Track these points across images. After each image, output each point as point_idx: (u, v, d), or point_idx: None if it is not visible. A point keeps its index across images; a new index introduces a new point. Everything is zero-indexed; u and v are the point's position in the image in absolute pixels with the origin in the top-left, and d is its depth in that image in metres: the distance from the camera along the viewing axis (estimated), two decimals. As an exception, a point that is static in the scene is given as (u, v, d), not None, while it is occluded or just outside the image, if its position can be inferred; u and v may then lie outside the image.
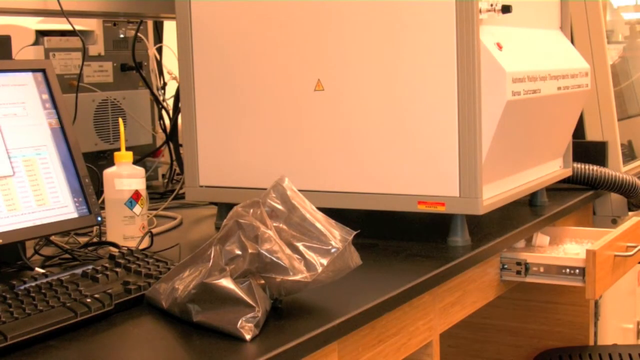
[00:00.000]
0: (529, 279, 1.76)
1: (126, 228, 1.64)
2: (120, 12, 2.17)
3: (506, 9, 1.56)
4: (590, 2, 2.30)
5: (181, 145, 2.13)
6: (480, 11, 1.54)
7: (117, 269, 1.36)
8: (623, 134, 2.34)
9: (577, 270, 1.72)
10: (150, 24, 2.47)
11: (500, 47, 1.60)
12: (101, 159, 2.25)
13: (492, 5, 1.55)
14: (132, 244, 1.59)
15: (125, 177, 1.64)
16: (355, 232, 1.23)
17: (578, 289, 1.88)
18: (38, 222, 1.45)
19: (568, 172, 2.03)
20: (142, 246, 1.59)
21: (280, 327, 1.17)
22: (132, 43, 2.32)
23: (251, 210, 1.22)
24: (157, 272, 1.35)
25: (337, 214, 1.33)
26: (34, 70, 1.55)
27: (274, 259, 1.16)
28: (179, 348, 1.16)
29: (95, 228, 1.74)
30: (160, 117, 2.46)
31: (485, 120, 1.55)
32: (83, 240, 1.72)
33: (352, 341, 1.28)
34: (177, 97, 2.24)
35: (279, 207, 1.24)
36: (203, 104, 1.82)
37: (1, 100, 1.48)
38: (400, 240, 1.67)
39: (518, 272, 1.75)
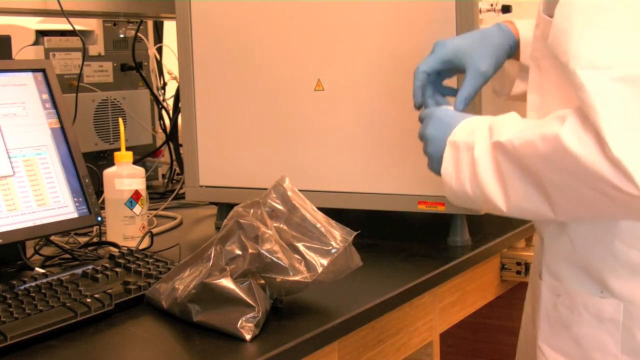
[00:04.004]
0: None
1: (126, 228, 1.64)
2: (120, 12, 2.17)
3: (506, 9, 1.56)
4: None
5: (181, 145, 2.13)
6: (480, 11, 1.54)
7: (117, 269, 1.36)
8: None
9: (577, 270, 1.72)
10: (150, 24, 2.47)
11: (500, 47, 1.60)
12: (101, 159, 2.25)
13: (492, 5, 1.55)
14: (132, 244, 1.59)
15: (125, 177, 1.64)
16: (355, 233, 1.23)
17: (578, 289, 1.88)
18: (38, 222, 1.45)
19: (568, 172, 2.03)
20: (142, 246, 1.59)
21: (280, 327, 1.17)
22: (132, 43, 2.32)
23: (251, 211, 1.22)
24: (157, 272, 1.35)
25: (337, 214, 1.33)
26: (34, 70, 1.55)
27: (274, 259, 1.16)
28: (179, 348, 1.16)
29: (95, 228, 1.74)
30: (160, 117, 2.46)
31: (485, 120, 1.55)
32: (83, 240, 1.72)
33: (352, 341, 1.28)
34: (177, 97, 2.24)
35: (280, 207, 1.24)
36: (203, 104, 1.82)
37: (1, 100, 1.48)
38: (400, 240, 1.67)
39: (518, 272, 1.75)
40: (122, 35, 2.35)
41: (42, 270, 1.44)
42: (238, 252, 1.17)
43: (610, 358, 1.13)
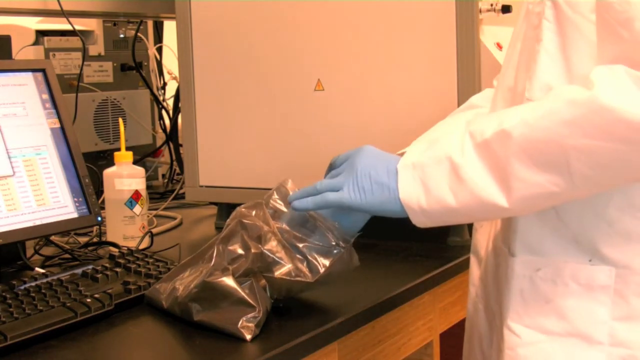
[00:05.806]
0: (529, 279, 1.75)
1: (126, 228, 1.64)
2: (120, 12, 2.17)
3: (506, 9, 1.56)
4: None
5: (181, 145, 2.13)
6: (480, 11, 1.54)
7: (117, 269, 1.36)
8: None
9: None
10: (150, 24, 2.47)
11: (500, 47, 1.60)
12: (101, 159, 2.25)
13: (492, 5, 1.55)
14: (132, 244, 1.59)
15: (125, 177, 1.64)
16: (357, 234, 1.23)
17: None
18: (38, 222, 1.45)
19: (568, 172, 2.03)
20: (142, 246, 1.58)
21: (281, 327, 1.17)
22: (132, 43, 2.32)
23: (254, 212, 1.22)
24: (157, 272, 1.35)
25: (337, 214, 1.33)
26: (34, 70, 1.55)
27: (276, 258, 1.16)
28: (179, 348, 1.16)
29: (95, 228, 1.74)
30: (160, 117, 2.46)
31: (485, 120, 1.55)
32: (83, 240, 1.72)
33: (352, 341, 1.28)
34: (177, 97, 2.24)
35: (282, 208, 1.23)
36: (203, 104, 1.82)
37: (1, 100, 1.48)
38: (400, 240, 1.66)
39: (518, 272, 1.75)
40: (122, 35, 2.35)
41: (42, 270, 1.44)
42: (240, 251, 1.17)
43: (599, 326, 1.11)
